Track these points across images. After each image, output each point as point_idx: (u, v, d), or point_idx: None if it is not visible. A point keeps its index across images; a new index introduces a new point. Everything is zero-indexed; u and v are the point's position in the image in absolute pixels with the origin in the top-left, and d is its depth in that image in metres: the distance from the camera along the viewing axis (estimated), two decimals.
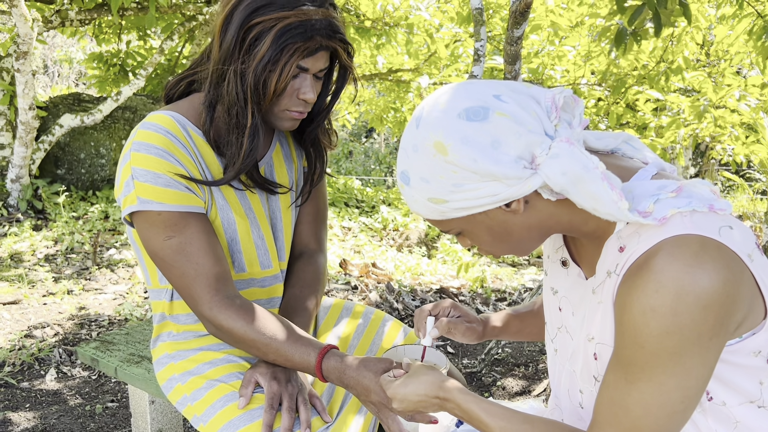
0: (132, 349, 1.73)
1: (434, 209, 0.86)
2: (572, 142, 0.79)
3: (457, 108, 0.81)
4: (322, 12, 1.13)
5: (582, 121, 0.85)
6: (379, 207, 6.68)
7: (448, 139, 0.80)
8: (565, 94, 0.83)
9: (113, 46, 6.77)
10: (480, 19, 2.68)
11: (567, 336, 1.00)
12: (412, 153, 0.85)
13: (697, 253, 0.75)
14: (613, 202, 0.78)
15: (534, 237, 0.89)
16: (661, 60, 4.81)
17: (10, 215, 5.06)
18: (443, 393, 0.95)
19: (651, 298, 0.75)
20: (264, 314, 1.18)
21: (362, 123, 15.39)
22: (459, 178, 0.81)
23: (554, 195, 0.83)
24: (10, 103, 5.26)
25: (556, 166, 0.78)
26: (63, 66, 13.96)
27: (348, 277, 4.12)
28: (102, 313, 3.41)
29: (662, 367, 0.76)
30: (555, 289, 1.03)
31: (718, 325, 0.75)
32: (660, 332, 0.75)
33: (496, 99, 0.81)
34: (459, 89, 0.84)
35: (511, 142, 0.79)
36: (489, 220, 0.86)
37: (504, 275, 4.88)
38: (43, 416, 2.38)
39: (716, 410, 0.85)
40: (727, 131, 4.54)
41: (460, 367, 2.91)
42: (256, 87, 1.14)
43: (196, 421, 1.23)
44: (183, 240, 1.16)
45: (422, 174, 0.84)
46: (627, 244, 0.82)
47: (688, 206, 0.79)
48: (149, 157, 1.14)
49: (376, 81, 7.74)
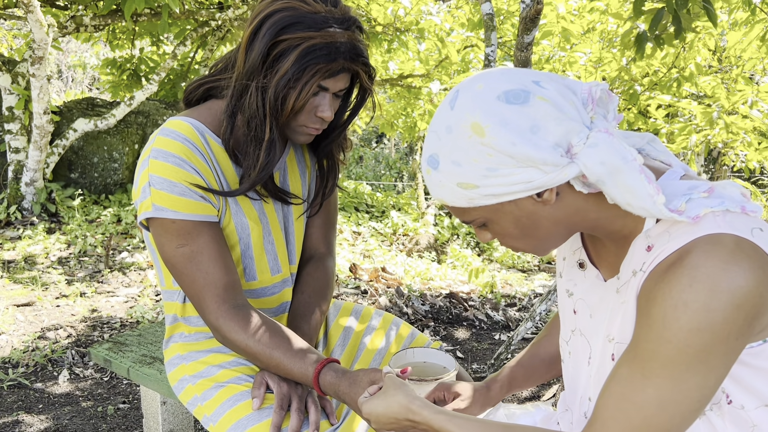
0: (144, 350, 1.74)
1: (462, 195, 0.83)
2: (611, 132, 0.78)
3: (496, 90, 0.79)
4: (348, 35, 1.14)
5: (617, 116, 0.83)
6: (389, 212, 6.69)
7: (487, 121, 0.78)
8: (601, 87, 0.81)
9: (127, 52, 6.84)
10: (491, 25, 2.69)
11: (582, 339, 0.98)
12: (445, 134, 0.82)
13: (733, 251, 0.74)
14: (650, 195, 0.76)
15: (560, 233, 0.87)
16: (673, 66, 4.80)
17: (25, 218, 5.11)
18: (412, 415, 0.92)
19: (684, 293, 0.73)
20: (269, 326, 1.19)
21: (373, 128, 15.42)
22: (494, 162, 0.78)
23: (587, 187, 0.81)
24: (25, 107, 5.33)
25: (594, 155, 0.76)
26: (77, 71, 14.11)
27: (358, 281, 4.13)
28: (114, 316, 3.44)
29: (686, 365, 0.75)
30: (570, 291, 1.01)
31: (746, 326, 0.74)
32: (690, 328, 0.73)
33: (536, 84, 0.79)
34: (497, 73, 0.82)
35: (550, 127, 0.77)
36: (518, 210, 0.83)
37: (514, 281, 4.87)
38: (55, 417, 2.40)
39: (734, 414, 0.84)
40: (739, 137, 4.51)
41: (470, 372, 2.91)
42: (276, 102, 1.15)
43: (206, 421, 1.24)
44: (195, 249, 1.18)
45: (454, 157, 0.81)
46: (655, 243, 0.81)
47: (721, 206, 0.78)
48: (167, 165, 1.15)
49: (386, 86, 7.76)
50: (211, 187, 1.20)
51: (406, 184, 13.53)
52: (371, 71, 1.22)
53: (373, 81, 1.25)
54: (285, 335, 1.20)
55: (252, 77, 1.15)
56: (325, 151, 1.39)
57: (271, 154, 1.20)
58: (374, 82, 1.26)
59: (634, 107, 5.02)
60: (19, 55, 5.56)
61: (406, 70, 7.34)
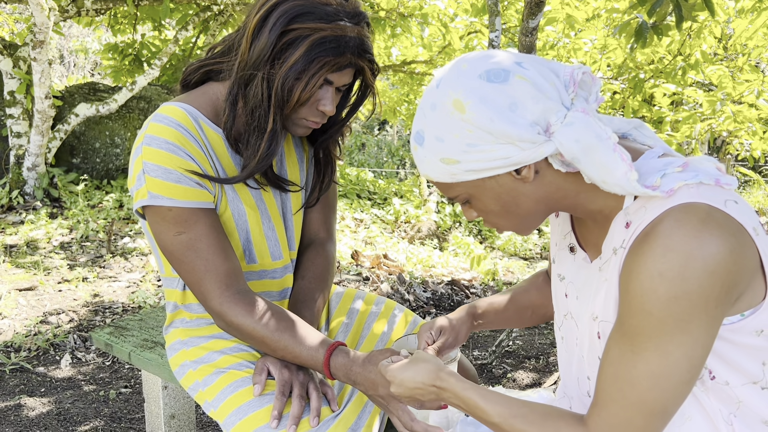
0: (146, 334, 1.74)
1: (445, 171, 0.86)
2: (587, 112, 0.80)
3: (478, 69, 0.82)
4: (357, 30, 1.14)
5: (598, 99, 0.85)
6: (391, 199, 6.68)
7: (467, 98, 0.81)
8: (583, 71, 0.84)
9: (128, 37, 6.81)
10: (495, 10, 2.67)
11: (572, 322, 1.00)
12: (430, 111, 0.85)
13: (704, 219, 0.75)
14: (623, 173, 0.78)
15: (540, 211, 0.90)
16: (678, 54, 4.76)
17: (27, 203, 5.11)
18: (440, 382, 0.94)
19: (659, 263, 0.75)
20: (273, 310, 1.19)
21: (375, 115, 15.37)
22: (474, 137, 0.81)
23: (565, 166, 0.83)
24: (27, 91, 5.31)
25: (570, 133, 0.79)
26: (79, 56, 14.06)
27: (360, 268, 4.13)
28: (116, 301, 3.45)
29: (670, 335, 0.76)
30: (562, 275, 1.03)
31: (724, 293, 0.75)
32: (668, 297, 0.74)
33: (517, 65, 0.82)
34: (481, 54, 0.86)
35: (528, 105, 0.80)
36: (498, 187, 0.86)
37: (516, 268, 4.87)
38: (57, 401, 2.41)
39: (719, 389, 0.85)
40: (745, 126, 4.49)
41: (471, 359, 2.92)
42: (282, 93, 1.14)
43: (207, 406, 1.24)
44: (193, 236, 1.16)
45: (437, 133, 0.84)
46: (633, 219, 0.83)
47: (695, 179, 0.80)
48: (160, 152, 1.14)
49: (389, 72, 7.72)
50: (206, 173, 1.19)
51: (408, 171, 13.51)
52: (375, 68, 1.22)
53: (375, 77, 1.24)
54: (291, 320, 1.19)
55: (258, 66, 1.14)
56: (323, 147, 1.38)
57: (272, 145, 1.19)
58: (376, 79, 1.25)
59: (639, 95, 4.99)
60: (20, 39, 5.54)
61: (409, 56, 7.29)
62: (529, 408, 0.88)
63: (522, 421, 0.86)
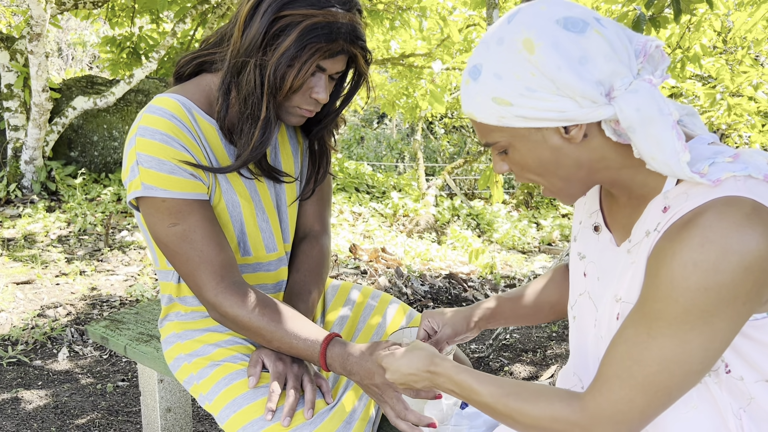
0: (141, 328, 1.74)
1: (494, 111, 0.82)
2: (654, 84, 0.78)
3: (557, 14, 0.80)
4: (349, 16, 1.13)
5: (664, 76, 0.82)
6: (389, 193, 6.67)
7: (539, 39, 0.78)
8: (656, 44, 0.81)
9: (126, 30, 6.78)
10: (493, 2, 2.65)
11: (589, 301, 0.98)
12: (495, 46, 0.82)
13: (748, 214, 0.73)
14: (676, 152, 0.76)
15: (578, 178, 0.87)
16: (678, 46, 4.74)
17: (24, 196, 5.10)
18: (434, 367, 0.95)
19: (695, 252, 0.73)
20: (268, 302, 1.18)
21: (374, 108, 15.35)
22: (535, 82, 0.79)
23: (616, 135, 0.81)
24: (24, 84, 5.29)
25: (632, 100, 0.76)
26: (77, 49, 14.02)
27: (357, 261, 4.13)
28: (114, 294, 3.44)
29: (691, 324, 0.75)
30: (582, 254, 1.01)
31: (754, 291, 0.74)
32: (698, 287, 0.73)
33: (596, 20, 0.80)
34: (562, 1, 0.82)
35: (599, 63, 0.77)
36: (543, 141, 0.83)
37: (514, 262, 4.88)
38: (55, 394, 2.41)
39: (732, 384, 0.84)
40: (743, 119, 4.48)
41: (468, 352, 2.92)
42: (274, 80, 1.13)
43: (202, 399, 1.24)
44: (187, 227, 1.16)
45: (498, 69, 0.81)
46: (672, 204, 0.81)
47: (744, 171, 0.77)
48: (154, 143, 1.13)
49: (388, 66, 7.70)
50: (200, 163, 1.18)
51: (407, 165, 13.50)
52: (368, 56, 1.21)
53: (369, 65, 1.23)
54: (287, 311, 1.19)
55: (250, 54, 1.13)
56: (317, 137, 1.37)
57: (266, 133, 1.18)
58: (369, 67, 1.24)
59: None
60: (17, 31, 5.52)
61: (407, 49, 7.27)
62: (521, 386, 0.88)
63: (515, 398, 0.86)
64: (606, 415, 0.80)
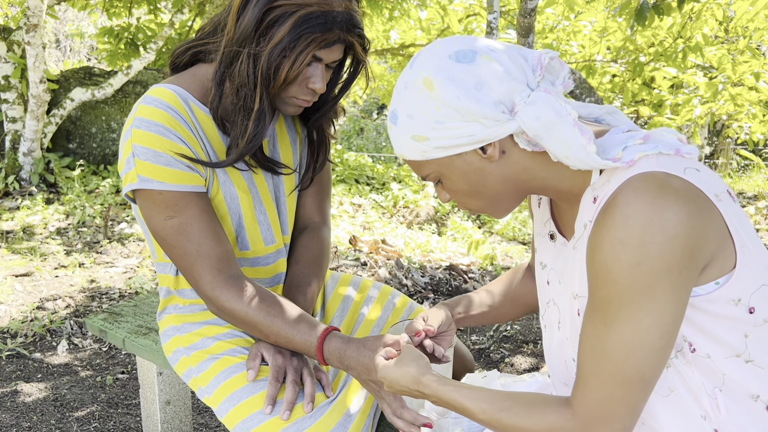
0: (140, 320, 1.73)
1: (416, 147, 0.89)
2: (549, 92, 0.83)
3: (449, 50, 0.87)
4: (344, 5, 1.11)
5: (565, 83, 0.88)
6: (389, 184, 6.65)
7: (436, 76, 0.85)
8: (551, 56, 0.87)
9: (124, 20, 6.74)
10: None
11: (554, 307, 1.01)
12: (403, 90, 0.89)
13: (661, 186, 0.77)
14: (582, 146, 0.81)
15: (509, 192, 0.92)
16: (679, 36, 4.71)
17: (23, 188, 5.09)
18: (422, 387, 0.96)
19: (619, 231, 0.77)
20: (266, 295, 1.17)
21: (373, 99, 15.30)
22: (442, 114, 0.85)
23: (530, 145, 0.86)
24: (22, 76, 5.26)
25: (531, 111, 0.82)
26: (75, 40, 13.95)
27: (358, 253, 4.12)
28: (113, 286, 3.43)
29: (637, 303, 0.77)
30: (543, 263, 1.04)
31: (687, 258, 0.76)
32: (630, 264, 0.76)
33: (487, 47, 0.86)
34: (456, 37, 0.90)
35: (493, 85, 0.83)
36: (466, 165, 0.89)
37: (514, 253, 4.87)
38: (54, 387, 2.41)
39: (701, 363, 0.85)
40: (744, 109, 4.46)
41: (469, 344, 2.91)
42: (268, 71, 1.11)
43: (202, 392, 1.23)
44: (184, 220, 1.14)
45: (408, 110, 0.88)
46: (599, 193, 0.85)
47: (654, 149, 0.82)
48: (150, 134, 1.11)
49: (387, 56, 7.66)
50: (198, 156, 1.16)
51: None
52: (366, 43, 1.19)
53: (367, 53, 1.21)
54: (284, 305, 1.18)
55: (243, 44, 1.11)
56: (315, 125, 1.35)
57: (260, 125, 1.16)
58: (367, 54, 1.22)
59: (639, 78, 4.95)
60: (14, 23, 5.48)
61: (407, 39, 7.23)
62: (513, 400, 0.88)
63: (507, 414, 0.87)
64: (596, 417, 0.82)
